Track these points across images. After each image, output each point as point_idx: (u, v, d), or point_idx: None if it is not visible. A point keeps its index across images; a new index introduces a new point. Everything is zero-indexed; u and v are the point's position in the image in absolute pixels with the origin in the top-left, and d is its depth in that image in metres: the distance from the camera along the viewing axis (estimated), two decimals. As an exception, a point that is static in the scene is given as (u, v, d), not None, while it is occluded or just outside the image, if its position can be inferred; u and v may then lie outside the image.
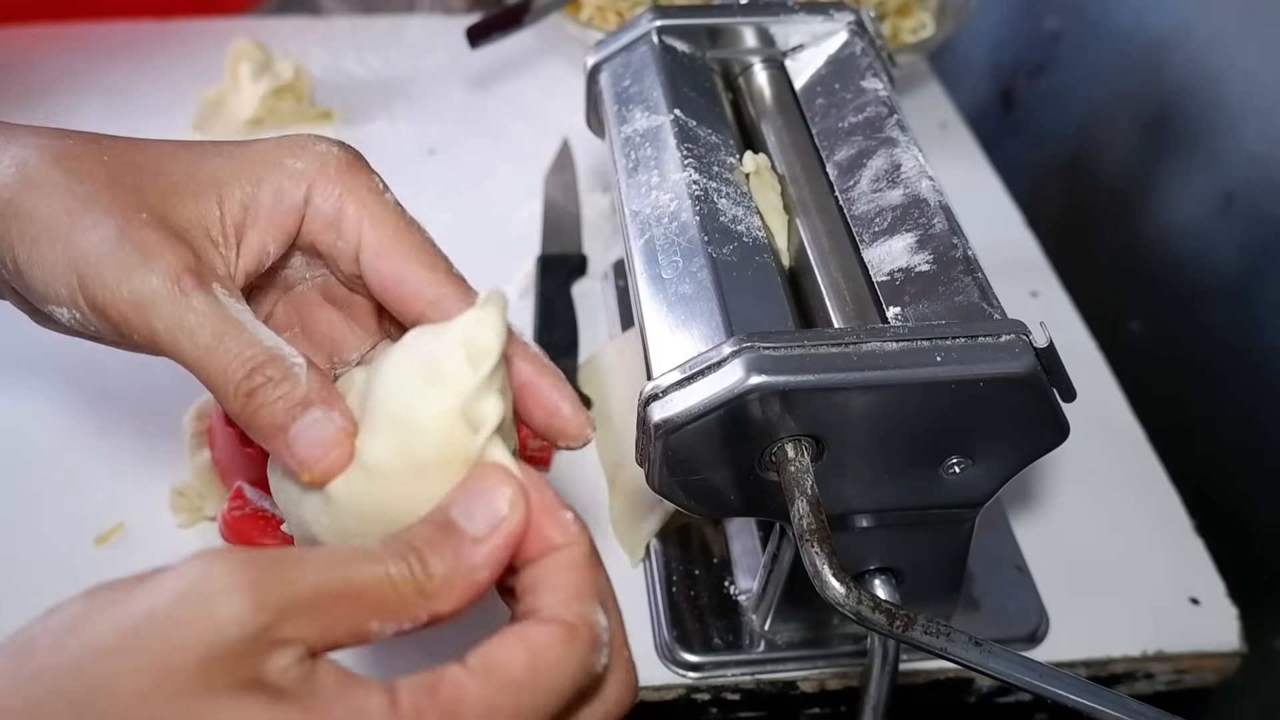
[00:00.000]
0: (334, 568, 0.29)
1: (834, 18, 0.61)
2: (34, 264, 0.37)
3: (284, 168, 0.40)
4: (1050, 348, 0.42)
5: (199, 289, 0.36)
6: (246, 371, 0.35)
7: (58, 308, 0.37)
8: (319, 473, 0.34)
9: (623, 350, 0.68)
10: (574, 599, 0.32)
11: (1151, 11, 0.87)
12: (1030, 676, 0.38)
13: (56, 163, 0.38)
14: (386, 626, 0.30)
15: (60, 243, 0.36)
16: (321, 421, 0.34)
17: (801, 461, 0.42)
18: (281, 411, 0.35)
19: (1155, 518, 0.64)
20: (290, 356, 0.36)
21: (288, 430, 0.34)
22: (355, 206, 0.40)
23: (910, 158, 0.52)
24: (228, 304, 0.36)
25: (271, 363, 0.35)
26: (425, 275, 0.39)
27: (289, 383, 0.35)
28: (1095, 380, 0.71)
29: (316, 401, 0.35)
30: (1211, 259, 0.79)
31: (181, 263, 0.36)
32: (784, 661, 0.55)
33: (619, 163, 0.54)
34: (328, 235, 0.40)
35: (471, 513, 0.32)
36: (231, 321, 0.36)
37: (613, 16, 0.89)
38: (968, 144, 0.92)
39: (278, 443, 0.35)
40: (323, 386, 0.35)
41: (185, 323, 0.36)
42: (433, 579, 0.30)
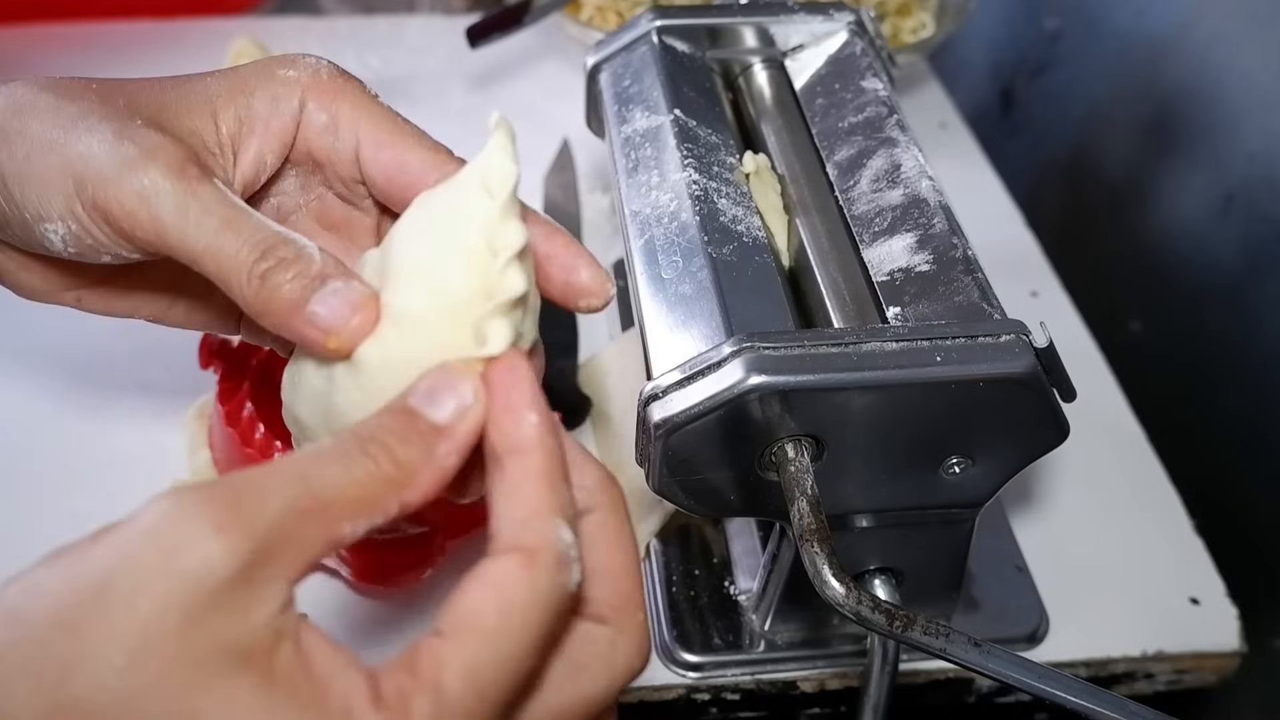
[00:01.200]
0: (297, 482, 0.28)
1: (834, 18, 0.61)
2: (26, 179, 0.36)
3: (276, 77, 0.40)
4: (1050, 348, 0.42)
5: (203, 179, 0.36)
6: (259, 253, 0.35)
7: (51, 225, 0.37)
8: (346, 337, 0.34)
9: (623, 350, 0.68)
10: (530, 519, 0.30)
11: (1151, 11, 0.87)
12: (1029, 677, 0.38)
13: (45, 89, 0.38)
14: (359, 525, 0.29)
15: (54, 153, 0.36)
16: (342, 290, 0.34)
17: (801, 461, 0.42)
18: (299, 288, 0.34)
19: (1155, 518, 0.64)
20: (300, 239, 0.35)
21: (306, 304, 0.34)
22: (350, 106, 0.40)
23: (910, 158, 0.52)
24: (230, 194, 0.36)
25: (284, 244, 0.35)
26: (429, 157, 0.39)
27: (303, 261, 0.35)
28: (1095, 380, 0.71)
29: (334, 274, 0.34)
30: (1211, 259, 0.79)
31: (184, 153, 0.36)
32: (784, 661, 0.55)
33: (619, 163, 0.54)
34: (325, 139, 0.40)
35: (436, 401, 0.31)
36: (239, 208, 0.36)
37: (613, 16, 0.89)
38: (968, 144, 0.92)
39: (296, 319, 0.34)
40: (338, 263, 0.35)
41: (191, 211, 0.35)
42: (401, 468, 0.30)
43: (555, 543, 0.30)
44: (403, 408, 0.31)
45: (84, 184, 0.36)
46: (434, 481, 0.30)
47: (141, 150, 0.36)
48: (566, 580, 0.30)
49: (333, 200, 0.43)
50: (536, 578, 0.29)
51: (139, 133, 0.36)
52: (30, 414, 0.65)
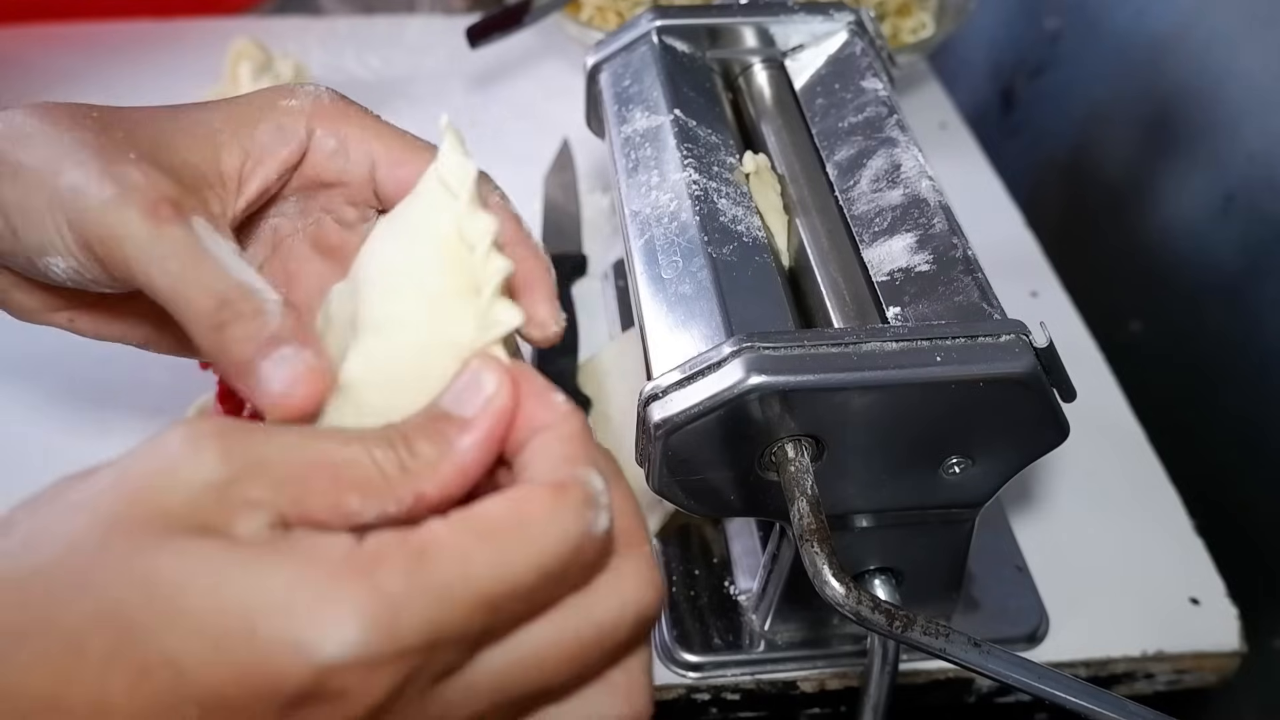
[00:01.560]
0: (311, 440, 0.28)
1: (834, 18, 0.61)
2: (26, 213, 0.37)
3: (279, 108, 0.40)
4: (1050, 348, 0.42)
5: (175, 220, 0.35)
6: (215, 304, 0.34)
7: (52, 259, 0.37)
8: (288, 408, 0.33)
9: (623, 350, 0.68)
10: (562, 463, 0.30)
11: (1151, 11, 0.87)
12: (1028, 677, 0.38)
13: (44, 117, 0.38)
14: (368, 505, 0.28)
15: (47, 187, 0.36)
16: (291, 358, 0.33)
17: (801, 461, 0.42)
18: (250, 349, 0.33)
19: (1155, 518, 0.64)
20: (263, 292, 0.34)
21: (256, 368, 0.33)
22: (358, 129, 0.40)
23: (910, 158, 0.52)
24: (206, 236, 0.35)
25: (242, 298, 0.34)
26: None
27: (259, 319, 0.34)
28: (1095, 380, 0.71)
29: (286, 339, 0.33)
30: (1211, 259, 0.79)
31: (159, 194, 0.35)
32: (784, 661, 0.55)
33: (619, 163, 0.54)
34: (335, 163, 0.40)
35: (460, 398, 0.31)
36: (204, 254, 0.35)
37: (613, 16, 0.89)
38: (968, 144, 0.92)
39: (248, 379, 0.34)
40: (295, 324, 0.34)
41: (157, 253, 0.35)
42: (418, 458, 0.29)
43: (586, 483, 0.29)
44: (434, 409, 0.31)
45: (72, 221, 0.36)
46: (454, 476, 0.30)
47: (119, 189, 0.35)
48: (592, 519, 0.29)
49: (330, 225, 0.43)
50: (561, 505, 0.28)
51: (123, 170, 0.36)
52: (30, 414, 0.65)
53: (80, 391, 0.66)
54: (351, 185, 0.41)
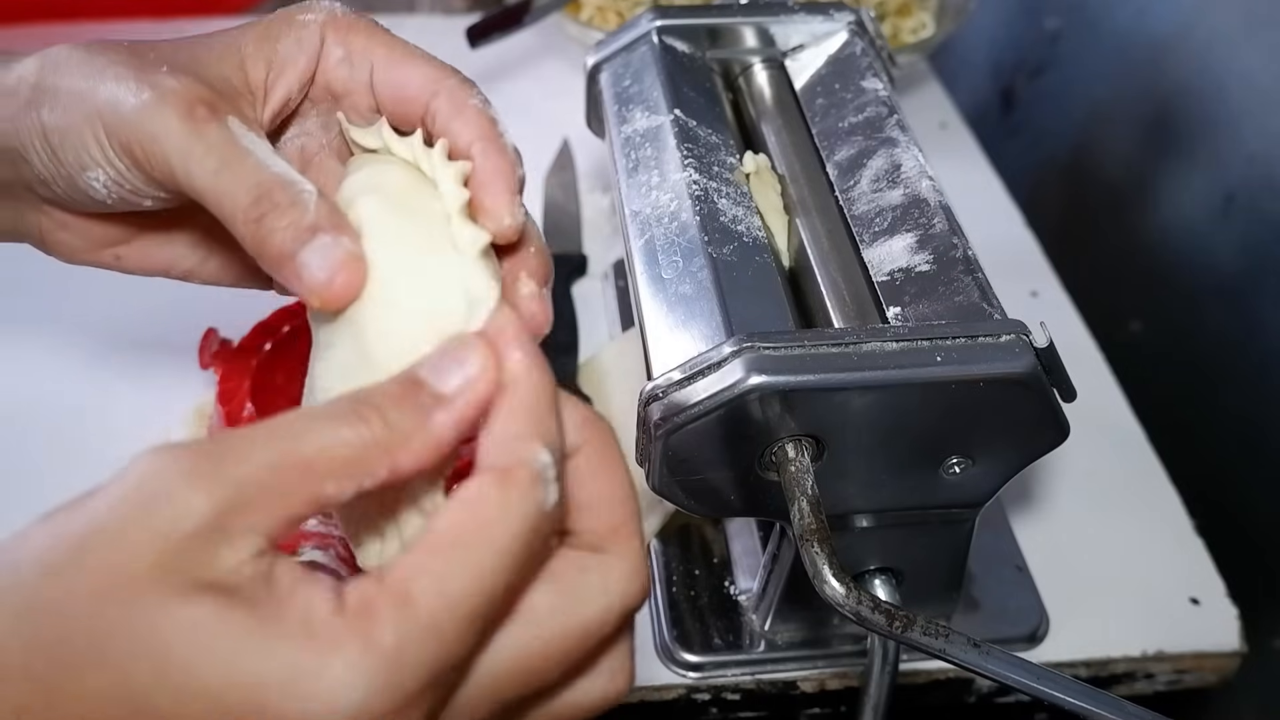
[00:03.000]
0: (283, 438, 0.28)
1: (834, 18, 0.61)
2: (65, 131, 0.38)
3: (297, 22, 0.42)
4: (1050, 348, 0.42)
5: (211, 119, 0.37)
6: (253, 197, 0.35)
7: (92, 174, 0.38)
8: (329, 297, 0.34)
9: (623, 350, 0.68)
10: (505, 441, 0.30)
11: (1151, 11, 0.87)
12: (1027, 678, 0.38)
13: (78, 48, 0.39)
14: (344, 487, 0.29)
15: (86, 101, 0.37)
16: (330, 246, 0.34)
17: (801, 461, 0.42)
18: (290, 238, 0.35)
19: (1155, 518, 0.64)
20: (300, 183, 0.36)
21: (296, 256, 0.35)
22: (364, 37, 0.42)
23: (910, 158, 0.52)
24: (240, 134, 0.37)
25: (279, 189, 0.35)
26: (431, 73, 0.41)
27: (296, 209, 0.35)
28: (1095, 380, 0.71)
29: (325, 228, 0.35)
30: (1211, 259, 0.79)
31: (195, 95, 0.37)
32: (784, 661, 0.55)
33: (619, 163, 0.54)
34: (342, 71, 0.42)
35: (441, 371, 0.31)
36: (240, 149, 0.36)
37: (613, 16, 0.89)
38: (968, 144, 0.92)
39: (287, 270, 0.35)
40: (332, 213, 0.35)
41: (195, 151, 0.36)
42: (392, 431, 0.29)
43: (530, 461, 0.30)
44: (409, 377, 0.31)
45: (112, 128, 0.37)
46: (426, 448, 0.30)
47: (156, 94, 0.37)
48: (540, 497, 0.29)
49: None
50: (508, 493, 0.29)
51: (159, 78, 0.37)
52: (30, 415, 0.65)
53: (80, 392, 0.66)
54: (356, 93, 0.42)
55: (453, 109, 0.40)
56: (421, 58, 0.42)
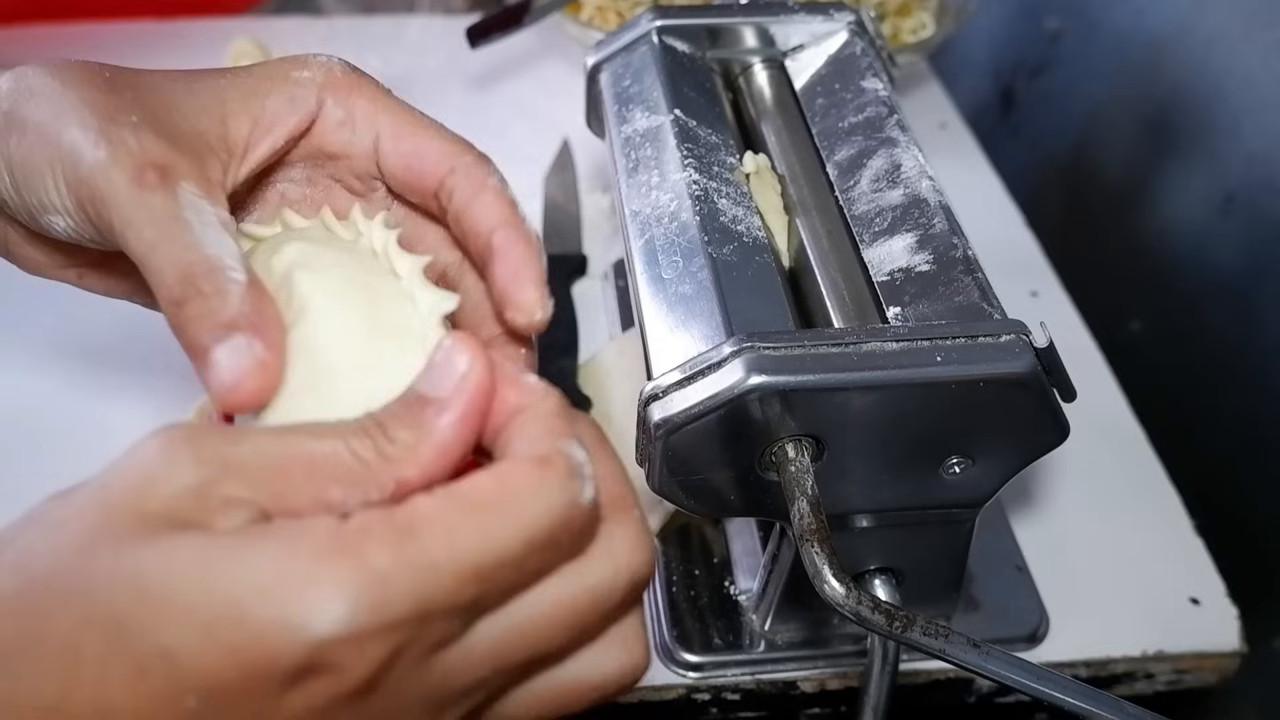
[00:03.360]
0: (286, 437, 0.28)
1: (834, 18, 0.61)
2: (28, 170, 0.37)
3: (291, 79, 0.40)
4: (1050, 348, 0.42)
5: (159, 186, 0.35)
6: (178, 278, 0.34)
7: (53, 217, 0.37)
8: (232, 403, 0.33)
9: (623, 350, 0.68)
10: (544, 436, 0.30)
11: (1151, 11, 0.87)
12: (1027, 678, 0.38)
13: (54, 74, 0.37)
14: (350, 494, 0.28)
15: (49, 145, 0.36)
16: (244, 350, 0.33)
17: (801, 461, 0.42)
18: (205, 331, 0.33)
19: (1155, 518, 0.64)
20: (230, 270, 0.34)
21: (209, 352, 0.33)
22: (367, 101, 0.40)
23: (910, 158, 0.52)
24: (189, 204, 0.35)
25: (206, 275, 0.34)
26: (447, 147, 0.40)
27: (219, 299, 0.33)
28: (1095, 380, 0.71)
29: (243, 327, 0.33)
30: (1211, 259, 0.79)
31: (148, 158, 0.35)
32: (784, 661, 0.55)
33: (619, 163, 0.54)
34: (341, 134, 0.40)
35: (433, 380, 0.31)
36: (181, 223, 0.34)
37: (613, 16, 0.89)
38: (968, 144, 0.92)
39: (199, 363, 0.34)
40: (255, 310, 0.33)
41: (135, 218, 0.35)
42: (396, 443, 0.29)
43: (569, 455, 0.29)
44: (410, 394, 0.31)
45: (69, 180, 0.36)
46: (434, 457, 0.30)
47: (111, 152, 0.35)
48: (577, 490, 0.29)
49: (339, 192, 0.43)
50: (546, 477, 0.29)
51: (120, 132, 0.36)
52: (30, 415, 0.65)
53: (80, 393, 0.66)
54: (355, 158, 0.41)
55: (472, 189, 0.39)
56: (434, 129, 0.40)
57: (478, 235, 0.39)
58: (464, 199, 0.39)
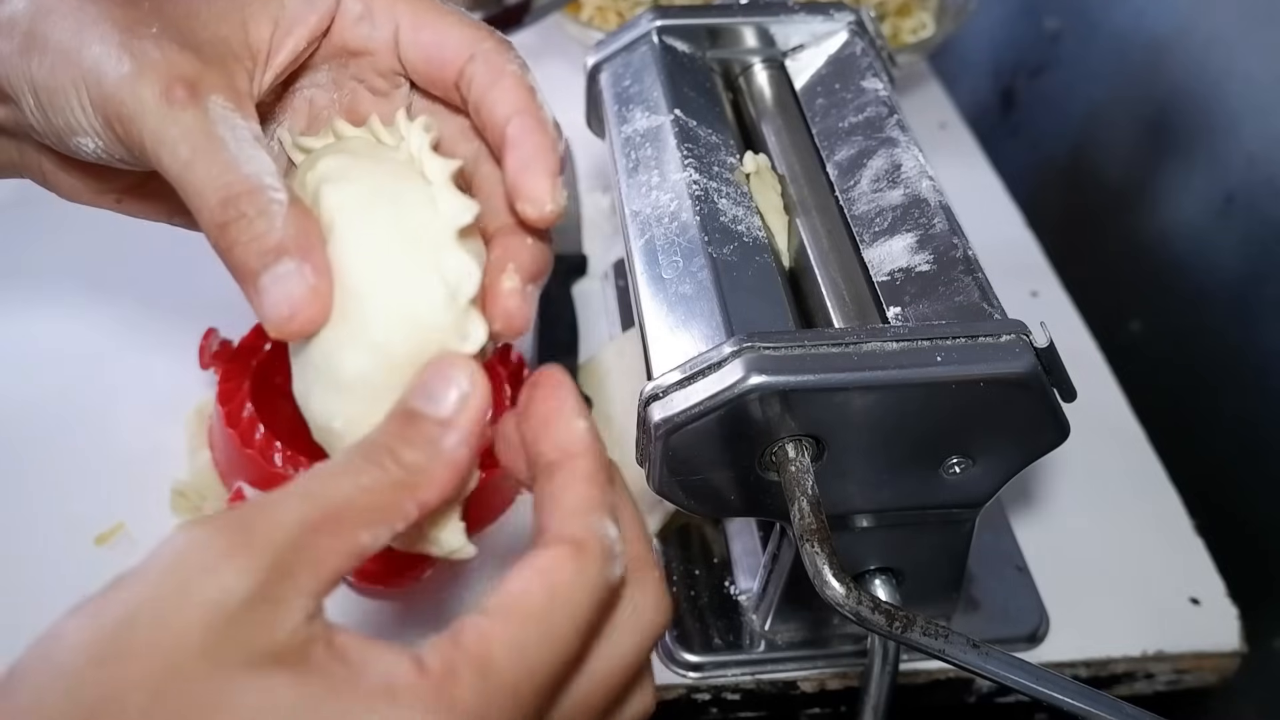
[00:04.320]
0: (305, 499, 0.28)
1: (834, 18, 0.61)
2: (54, 92, 0.36)
3: None
4: (1050, 348, 0.42)
5: (189, 101, 0.34)
6: (220, 199, 0.33)
7: (82, 139, 0.36)
8: (286, 333, 0.33)
9: (623, 350, 0.68)
10: (579, 513, 0.30)
11: (1151, 12, 0.87)
12: (1026, 679, 0.38)
13: None
14: (379, 534, 0.29)
15: (72, 64, 0.35)
16: (293, 276, 0.32)
17: (802, 461, 0.42)
18: (253, 256, 0.33)
19: (1155, 518, 0.64)
20: (271, 190, 0.33)
21: (257, 278, 0.33)
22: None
23: (910, 158, 0.52)
24: (221, 120, 0.34)
25: (248, 195, 0.33)
26: (468, 33, 0.39)
27: (263, 221, 0.33)
28: (1095, 380, 0.71)
29: (291, 250, 0.32)
30: (1211, 259, 0.79)
31: (175, 72, 0.34)
32: (784, 661, 0.55)
33: (619, 163, 0.54)
34: (361, 29, 0.39)
35: (433, 397, 0.31)
36: (216, 140, 0.34)
37: (613, 16, 0.89)
38: (968, 144, 0.92)
39: (247, 288, 0.33)
40: (300, 231, 0.33)
41: (168, 136, 0.34)
42: (410, 471, 0.29)
43: (603, 536, 0.30)
44: (404, 411, 0.31)
45: (95, 99, 0.35)
46: (450, 477, 0.30)
47: (136, 67, 0.34)
48: (611, 572, 0.30)
49: (364, 94, 0.42)
50: (584, 566, 0.29)
51: (141, 44, 0.35)
52: (30, 415, 0.65)
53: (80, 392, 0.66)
54: (377, 53, 0.40)
55: (490, 76, 0.38)
56: (453, 16, 0.39)
57: (494, 123, 0.38)
58: (482, 86, 0.38)
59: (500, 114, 0.37)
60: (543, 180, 0.36)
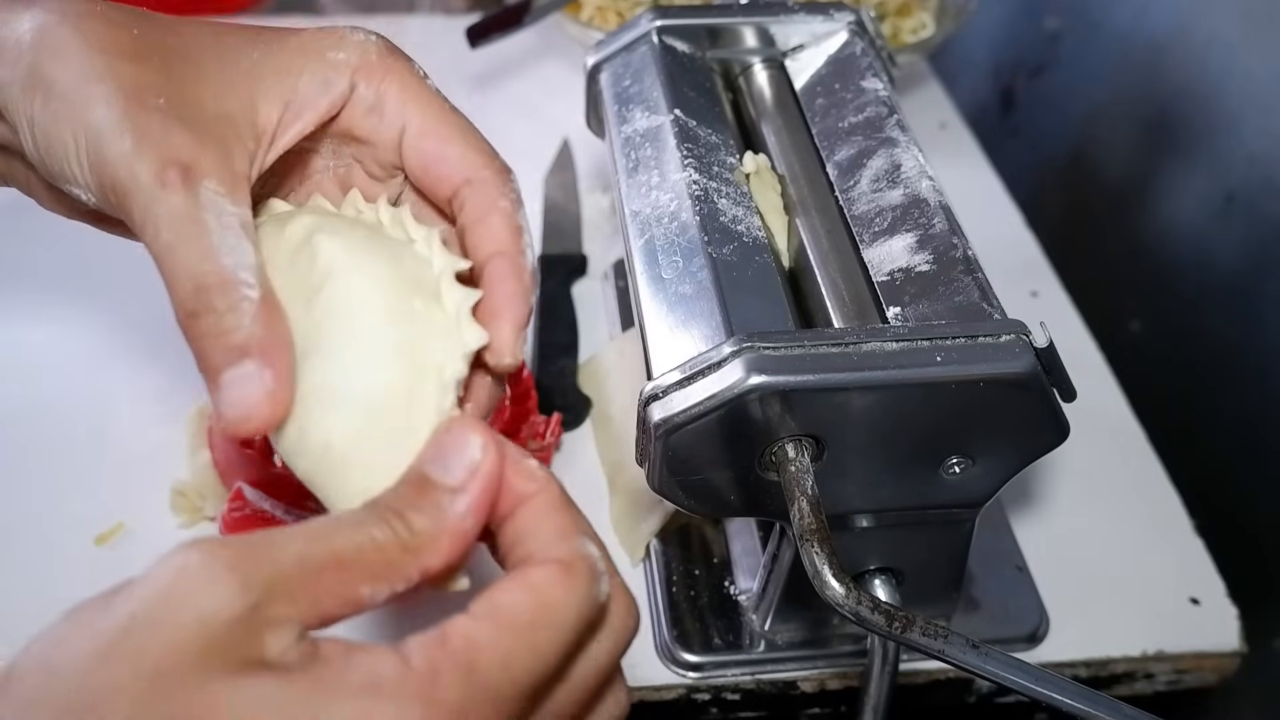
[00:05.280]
0: (314, 539, 0.28)
1: (834, 18, 0.61)
2: (52, 139, 0.36)
3: (326, 60, 0.39)
4: (1050, 348, 0.42)
5: (181, 186, 0.34)
6: (192, 289, 0.33)
7: (76, 189, 0.37)
8: (239, 434, 0.33)
9: (623, 350, 0.68)
10: (561, 539, 0.31)
11: (1151, 12, 0.87)
12: (1025, 679, 0.38)
13: (79, 25, 0.36)
14: (379, 591, 0.29)
15: (75, 116, 0.35)
16: (253, 379, 0.33)
17: (801, 461, 0.42)
18: (218, 351, 0.33)
19: (1155, 518, 0.64)
20: (244, 286, 0.34)
21: (219, 375, 0.33)
22: (399, 90, 0.39)
23: (910, 158, 0.52)
24: (210, 205, 0.34)
25: (220, 288, 0.33)
26: (470, 155, 0.39)
27: (232, 317, 0.33)
28: (1095, 380, 0.71)
29: (254, 352, 0.33)
30: (1211, 259, 0.79)
31: (172, 155, 0.35)
32: (784, 661, 0.55)
33: (619, 163, 0.54)
34: (369, 121, 0.40)
35: (446, 465, 0.31)
36: (200, 226, 0.34)
37: (613, 16, 0.89)
38: (968, 144, 0.92)
39: (209, 381, 0.34)
40: (268, 332, 0.33)
41: (154, 215, 0.34)
42: (417, 535, 0.30)
43: (587, 555, 0.31)
44: (417, 476, 0.31)
45: (93, 162, 0.35)
46: (455, 545, 0.31)
47: (135, 144, 0.35)
48: (598, 591, 0.31)
49: (359, 172, 0.42)
50: (574, 584, 0.30)
51: (145, 117, 0.35)
52: (30, 415, 0.65)
53: (80, 392, 0.66)
54: (379, 146, 0.40)
55: (481, 209, 0.39)
56: (458, 131, 0.40)
57: (476, 256, 0.38)
58: (472, 216, 0.39)
59: (484, 251, 0.38)
60: (507, 332, 0.37)
